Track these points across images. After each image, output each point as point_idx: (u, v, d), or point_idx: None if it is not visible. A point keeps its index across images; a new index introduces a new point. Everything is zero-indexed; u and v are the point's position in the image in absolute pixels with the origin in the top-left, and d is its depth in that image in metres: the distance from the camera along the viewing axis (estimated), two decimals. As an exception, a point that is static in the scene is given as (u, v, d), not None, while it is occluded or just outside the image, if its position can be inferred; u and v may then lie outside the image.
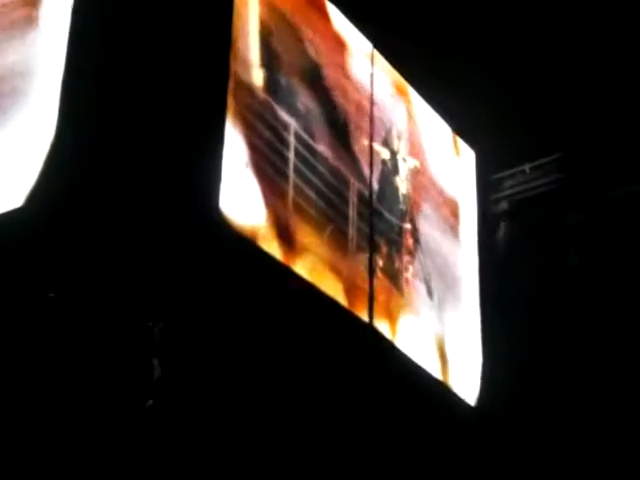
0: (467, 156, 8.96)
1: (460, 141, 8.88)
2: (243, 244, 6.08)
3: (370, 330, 6.94)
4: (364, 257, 7.17)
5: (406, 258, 7.86)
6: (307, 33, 7.16)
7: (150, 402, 5.38)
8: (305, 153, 6.84)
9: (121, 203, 5.57)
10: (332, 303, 6.69)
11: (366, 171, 7.49)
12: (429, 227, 8.24)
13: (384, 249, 7.59)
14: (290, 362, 6.24)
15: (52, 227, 5.35)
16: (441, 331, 8.00)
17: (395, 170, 7.98)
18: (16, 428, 5.08)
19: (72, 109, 5.48)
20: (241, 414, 5.84)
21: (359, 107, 7.58)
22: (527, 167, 8.82)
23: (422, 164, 8.33)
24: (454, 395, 7.82)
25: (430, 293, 8.04)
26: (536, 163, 8.78)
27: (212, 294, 5.85)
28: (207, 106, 6.01)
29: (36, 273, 5.35)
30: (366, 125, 7.59)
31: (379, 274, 7.40)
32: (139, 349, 5.46)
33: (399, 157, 8.05)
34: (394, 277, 7.64)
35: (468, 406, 7.93)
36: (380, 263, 7.47)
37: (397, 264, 7.73)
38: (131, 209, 5.59)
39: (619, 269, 8.21)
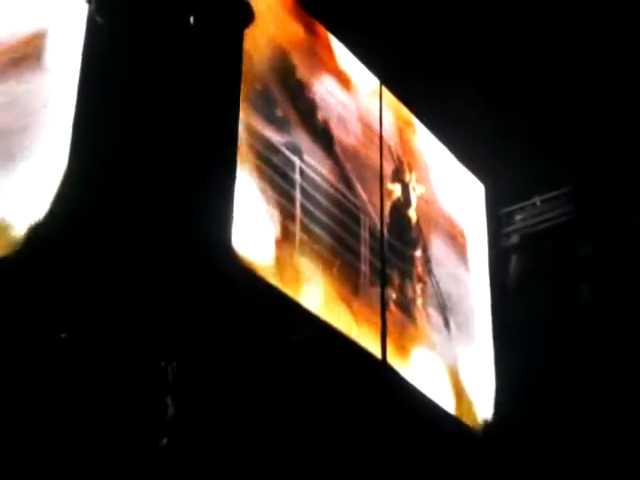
0: (476, 189, 8.98)
1: (469, 174, 8.89)
2: (254, 282, 6.09)
3: (383, 367, 6.93)
4: (376, 292, 7.17)
5: (419, 286, 7.86)
6: (314, 72, 7.23)
7: (164, 441, 5.37)
8: (311, 191, 6.88)
9: (133, 241, 5.59)
10: (345, 340, 6.68)
11: (377, 206, 7.52)
12: (441, 256, 8.25)
13: (396, 281, 7.59)
14: (302, 401, 6.23)
15: (65, 264, 5.36)
16: (455, 362, 7.97)
17: (407, 201, 8.01)
18: (34, 468, 5.08)
19: (83, 145, 5.53)
20: (255, 453, 5.83)
21: (367, 142, 7.62)
22: (538, 200, 8.83)
23: (432, 195, 8.36)
24: (467, 428, 7.77)
25: (446, 322, 8.04)
26: (546, 196, 8.79)
27: (224, 333, 5.86)
28: (218, 147, 6.07)
29: (48, 313, 5.36)
30: (375, 159, 7.64)
31: (392, 307, 7.39)
32: (153, 388, 5.46)
33: (410, 188, 8.09)
34: (407, 308, 7.63)
35: (480, 438, 7.87)
36: (393, 296, 7.47)
37: (410, 294, 7.73)
38: (142, 247, 5.61)
39: (631, 300, 8.18)
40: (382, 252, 7.41)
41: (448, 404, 7.66)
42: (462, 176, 8.85)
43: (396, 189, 7.93)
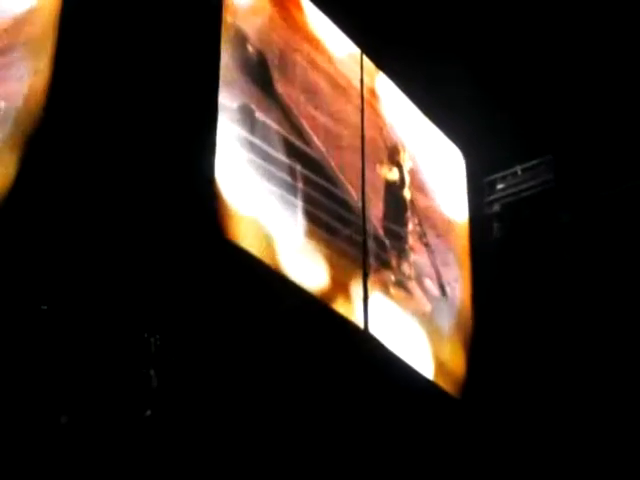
0: (457, 158, 9.00)
1: (450, 143, 8.91)
2: (238, 253, 6.11)
3: (365, 336, 6.96)
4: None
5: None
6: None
7: (148, 412, 5.39)
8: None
9: (117, 210, 5.59)
10: (328, 310, 6.72)
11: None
12: (432, 226, 8.33)
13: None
14: (286, 369, 6.26)
15: (44, 232, 5.35)
16: (448, 324, 8.09)
17: (402, 182, 8.05)
18: (14, 439, 5.08)
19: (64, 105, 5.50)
20: (239, 422, 5.86)
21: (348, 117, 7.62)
22: (519, 169, 8.86)
23: (418, 167, 8.38)
24: (448, 394, 7.85)
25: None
26: (527, 165, 8.81)
27: (207, 304, 5.87)
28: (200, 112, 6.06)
29: (28, 283, 5.34)
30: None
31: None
32: (136, 360, 5.47)
33: (404, 167, 8.12)
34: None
35: (460, 403, 7.95)
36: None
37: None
38: (127, 215, 5.60)
39: (613, 265, 8.25)
40: (364, 223, 7.43)
41: (430, 371, 7.72)
42: (444, 145, 8.87)
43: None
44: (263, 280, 6.24)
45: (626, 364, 7.88)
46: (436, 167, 8.69)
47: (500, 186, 8.95)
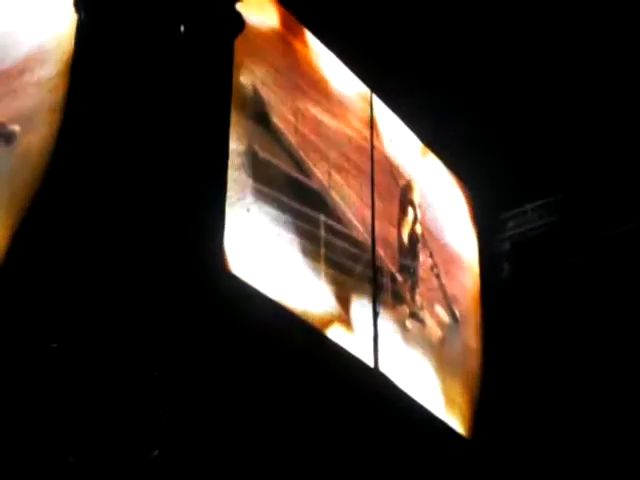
0: (467, 197, 9.01)
1: (459, 182, 8.93)
2: (246, 291, 6.11)
3: (376, 374, 6.94)
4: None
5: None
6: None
7: (156, 452, 5.36)
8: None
9: (124, 250, 5.59)
10: (338, 349, 6.70)
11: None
12: (443, 260, 8.36)
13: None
14: (295, 409, 6.24)
15: (56, 272, 5.38)
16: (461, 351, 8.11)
17: (414, 218, 8.07)
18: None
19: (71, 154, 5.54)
20: (248, 462, 5.83)
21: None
22: (528, 208, 8.86)
23: (428, 205, 8.40)
24: (458, 433, 7.81)
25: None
26: (536, 204, 8.82)
27: (216, 343, 5.85)
28: (209, 160, 6.09)
29: (39, 322, 5.35)
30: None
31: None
32: (145, 399, 5.45)
33: (416, 205, 8.15)
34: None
35: (470, 442, 7.91)
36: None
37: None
38: (135, 256, 5.61)
39: (620, 304, 8.24)
40: (373, 259, 7.41)
41: (440, 408, 7.68)
42: (452, 183, 8.88)
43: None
44: (272, 319, 6.23)
45: (635, 405, 7.85)
46: (445, 204, 8.70)
47: (510, 224, 8.96)
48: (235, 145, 6.35)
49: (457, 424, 7.84)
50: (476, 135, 8.39)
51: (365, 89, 7.87)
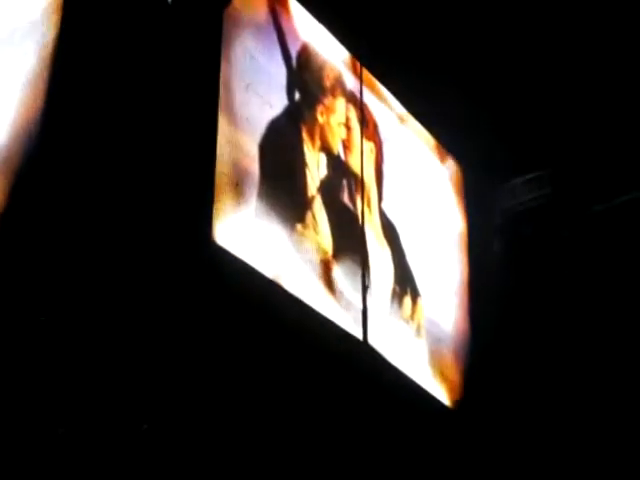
0: (457, 172, 9.00)
1: (449, 155, 8.91)
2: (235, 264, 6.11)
3: (365, 348, 6.96)
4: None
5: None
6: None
7: (145, 426, 5.38)
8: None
9: (114, 225, 5.59)
10: (326, 322, 6.71)
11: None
12: (432, 238, 8.35)
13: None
14: (283, 379, 6.26)
15: (45, 245, 5.35)
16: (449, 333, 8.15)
17: (402, 193, 8.10)
18: (10, 450, 5.06)
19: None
20: (237, 436, 5.86)
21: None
22: (519, 181, 8.85)
23: (418, 179, 8.39)
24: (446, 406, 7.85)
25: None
26: (527, 177, 8.82)
27: (203, 315, 5.87)
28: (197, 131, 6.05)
29: (27, 295, 5.33)
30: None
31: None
32: (135, 374, 5.46)
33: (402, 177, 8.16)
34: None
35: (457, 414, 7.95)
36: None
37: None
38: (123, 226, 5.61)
39: (609, 279, 8.26)
40: (362, 233, 7.42)
41: (429, 381, 7.71)
42: (444, 159, 8.85)
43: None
44: (260, 292, 6.23)
45: (625, 376, 7.88)
46: (437, 181, 8.69)
47: (501, 198, 8.96)
48: (223, 116, 6.31)
49: (446, 397, 7.88)
50: (465, 108, 8.37)
51: (354, 60, 7.84)
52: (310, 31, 7.46)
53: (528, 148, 8.71)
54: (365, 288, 7.15)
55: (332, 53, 7.65)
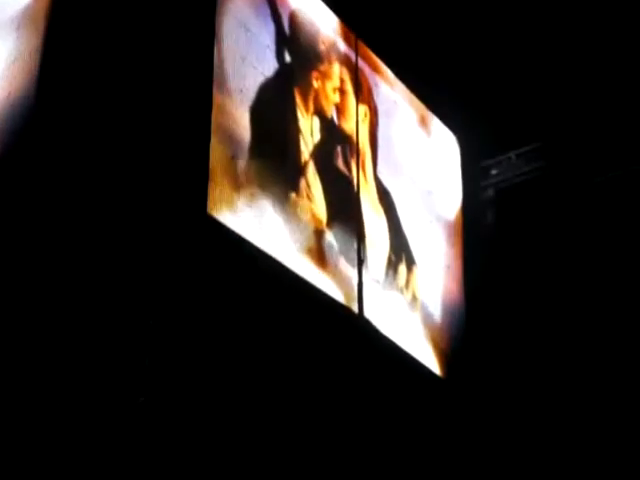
0: (451, 144, 8.98)
1: (444, 128, 8.89)
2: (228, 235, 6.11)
3: (360, 321, 6.97)
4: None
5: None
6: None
7: (142, 399, 5.38)
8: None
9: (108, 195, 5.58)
10: (322, 296, 6.72)
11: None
12: (426, 212, 8.32)
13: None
14: (281, 354, 6.27)
15: (39, 217, 5.35)
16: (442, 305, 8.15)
17: (398, 168, 8.06)
18: (8, 427, 5.07)
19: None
20: (235, 409, 5.86)
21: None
22: (513, 154, 8.85)
23: (412, 153, 8.37)
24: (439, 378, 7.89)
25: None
26: (522, 150, 8.81)
27: (202, 291, 5.86)
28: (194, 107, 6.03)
29: (27, 262, 5.31)
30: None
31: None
32: (131, 347, 5.46)
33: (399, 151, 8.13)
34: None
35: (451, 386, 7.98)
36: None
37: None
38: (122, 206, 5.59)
39: (606, 252, 8.27)
40: (357, 208, 7.40)
41: (423, 352, 7.74)
42: (438, 131, 8.84)
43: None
44: (257, 266, 6.23)
45: (620, 355, 7.91)
46: (432, 152, 8.67)
47: (494, 172, 8.95)
48: (218, 89, 6.29)
49: (439, 367, 7.91)
50: (458, 81, 8.35)
51: (350, 34, 7.80)
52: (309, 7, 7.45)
53: (522, 121, 8.69)
54: (361, 262, 7.14)
55: (325, 20, 7.61)
